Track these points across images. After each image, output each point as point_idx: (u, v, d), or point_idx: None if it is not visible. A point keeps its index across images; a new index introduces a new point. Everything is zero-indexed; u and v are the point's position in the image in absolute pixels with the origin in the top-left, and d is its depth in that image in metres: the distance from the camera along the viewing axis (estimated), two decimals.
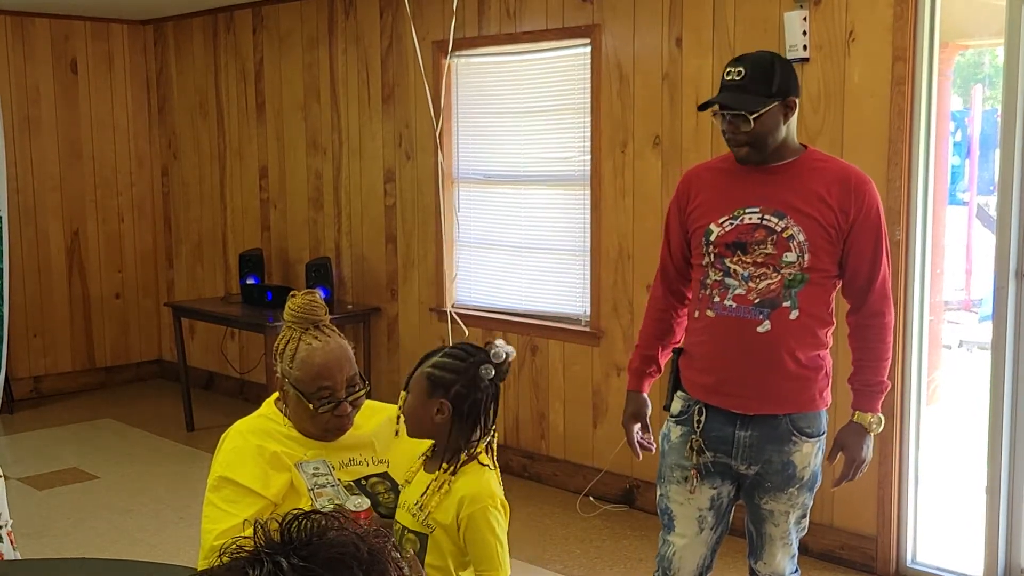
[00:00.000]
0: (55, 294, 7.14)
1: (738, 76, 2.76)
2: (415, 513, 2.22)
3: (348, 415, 2.40)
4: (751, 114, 2.73)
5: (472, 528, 2.19)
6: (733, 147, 2.82)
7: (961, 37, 5.62)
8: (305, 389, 2.35)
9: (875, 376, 2.88)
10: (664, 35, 4.62)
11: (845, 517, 4.25)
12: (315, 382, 2.34)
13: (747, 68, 2.76)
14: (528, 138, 5.26)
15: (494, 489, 2.25)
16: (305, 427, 2.39)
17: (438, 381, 2.23)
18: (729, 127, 2.78)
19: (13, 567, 2.66)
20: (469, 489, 2.20)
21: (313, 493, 2.29)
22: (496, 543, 2.21)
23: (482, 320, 5.40)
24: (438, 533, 2.19)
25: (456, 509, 2.19)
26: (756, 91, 2.75)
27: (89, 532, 4.75)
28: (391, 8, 5.76)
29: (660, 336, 3.07)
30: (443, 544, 2.20)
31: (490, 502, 2.22)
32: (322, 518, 1.16)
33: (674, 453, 2.94)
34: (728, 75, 2.79)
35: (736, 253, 2.80)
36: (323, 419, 2.37)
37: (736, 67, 2.78)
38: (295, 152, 6.47)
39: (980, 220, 7.86)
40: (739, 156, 2.83)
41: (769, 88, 2.75)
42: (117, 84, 7.32)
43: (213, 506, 2.30)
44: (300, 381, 2.35)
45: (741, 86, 2.76)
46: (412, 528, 2.22)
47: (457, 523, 2.19)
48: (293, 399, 2.38)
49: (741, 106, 2.74)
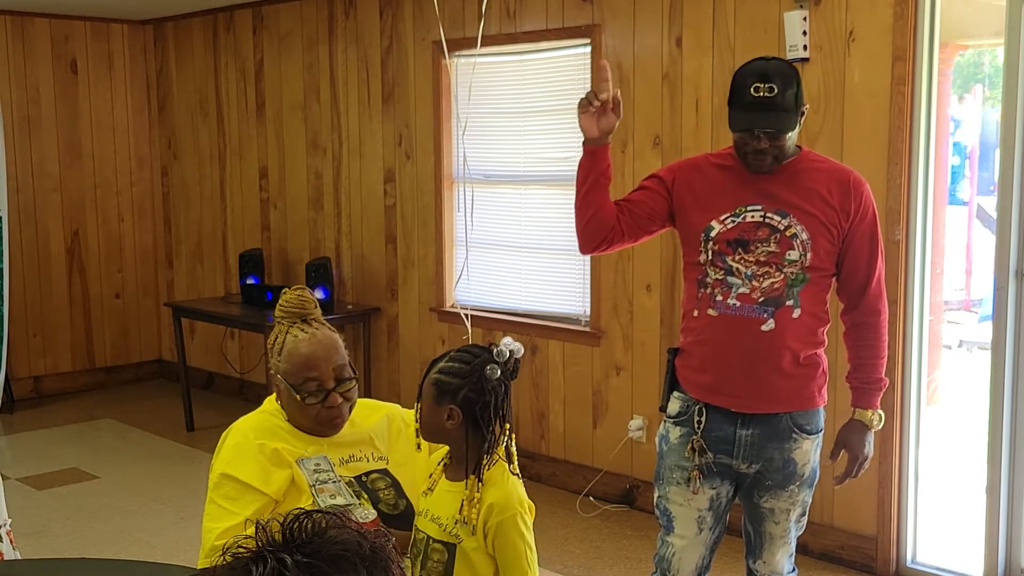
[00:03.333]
0: (55, 294, 7.14)
1: (770, 92, 2.70)
2: (444, 524, 2.18)
3: (339, 407, 2.38)
4: (788, 131, 2.72)
5: (502, 535, 2.16)
6: (755, 162, 2.78)
7: (961, 37, 5.62)
8: (293, 381, 2.35)
9: (874, 373, 2.89)
10: (664, 35, 4.62)
11: (845, 517, 4.25)
12: (302, 373, 2.34)
13: (778, 84, 2.70)
14: (528, 138, 5.26)
15: (522, 495, 2.22)
16: (299, 421, 2.39)
17: (445, 387, 2.20)
18: (758, 144, 2.74)
19: (13, 567, 2.66)
20: (497, 497, 2.17)
21: (315, 490, 2.29)
22: (526, 549, 2.19)
23: (482, 320, 5.40)
24: (467, 543, 2.16)
25: (485, 517, 2.16)
26: (789, 107, 2.72)
27: (89, 532, 4.75)
28: (391, 8, 5.76)
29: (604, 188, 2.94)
30: (472, 556, 2.18)
31: (520, 509, 2.19)
32: (323, 517, 1.16)
33: (673, 454, 2.93)
34: (757, 91, 2.71)
35: (737, 251, 2.80)
36: (312, 411, 2.36)
37: (766, 83, 2.70)
38: (295, 152, 6.47)
39: (980, 220, 7.86)
40: (762, 169, 2.79)
41: (796, 102, 2.74)
42: (117, 84, 7.32)
43: (214, 504, 2.30)
44: (288, 373, 2.35)
45: (776, 104, 2.70)
46: (439, 538, 2.19)
47: (484, 531, 2.16)
48: (285, 393, 2.38)
49: (784, 127, 2.71)
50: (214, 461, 2.39)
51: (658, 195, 2.93)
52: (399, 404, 2.64)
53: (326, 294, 5.92)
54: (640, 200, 2.94)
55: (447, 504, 2.21)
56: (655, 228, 2.97)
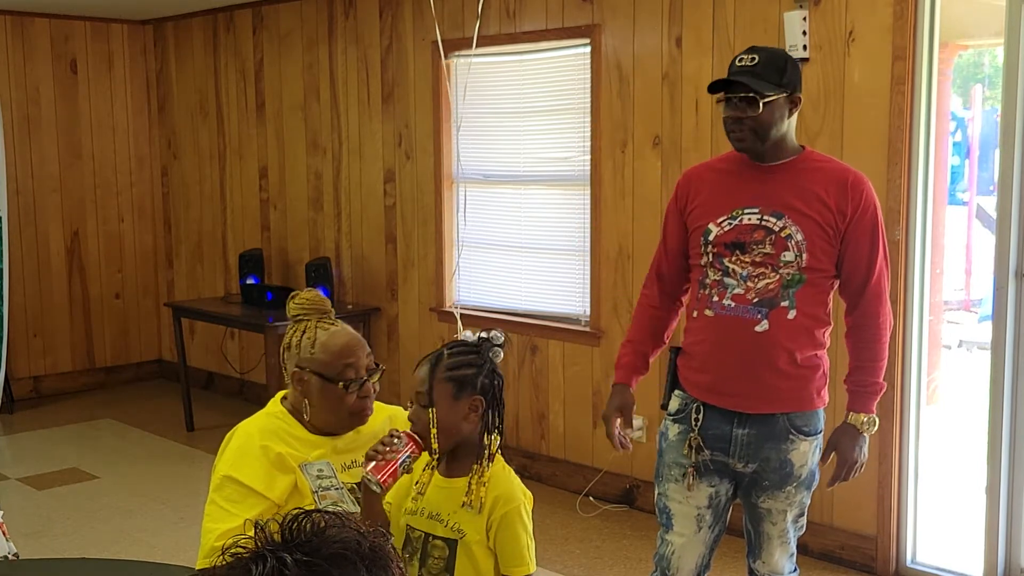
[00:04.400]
0: (55, 294, 7.14)
1: (751, 62, 2.76)
2: (445, 520, 2.18)
3: (370, 397, 2.42)
4: (761, 98, 2.72)
5: (506, 526, 2.17)
6: (735, 134, 2.80)
7: (961, 37, 5.62)
8: (330, 371, 2.35)
9: (870, 377, 2.88)
10: (664, 35, 4.62)
11: (845, 517, 4.26)
12: (340, 360, 2.36)
13: (760, 56, 2.76)
14: (528, 138, 5.26)
15: (522, 485, 2.25)
16: (327, 418, 2.39)
17: (463, 379, 2.19)
18: (735, 112, 2.76)
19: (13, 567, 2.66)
20: (502, 489, 2.19)
21: (317, 495, 2.28)
22: (528, 539, 2.20)
23: (482, 320, 5.39)
24: (469, 537, 2.17)
25: (490, 508, 2.17)
26: (768, 78, 2.75)
27: (89, 532, 4.74)
28: (391, 8, 5.76)
29: (654, 336, 3.07)
30: (474, 550, 2.18)
31: (523, 499, 2.21)
32: (322, 517, 1.16)
33: (672, 451, 2.94)
34: (740, 61, 2.78)
35: (735, 253, 2.80)
36: (349, 401, 2.37)
37: (749, 55, 2.77)
38: (295, 152, 6.47)
39: (980, 220, 7.87)
40: (740, 145, 2.81)
41: (780, 78, 2.76)
42: (117, 84, 7.32)
43: (216, 505, 2.29)
44: (325, 364, 2.36)
45: (753, 72, 2.75)
46: (440, 535, 2.18)
47: (489, 523, 2.17)
48: (316, 388, 2.37)
49: (753, 88, 2.73)
50: (217, 462, 2.38)
51: (675, 235, 2.99)
52: (399, 405, 2.63)
53: (326, 294, 5.89)
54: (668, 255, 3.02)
55: (446, 500, 2.21)
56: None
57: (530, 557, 2.21)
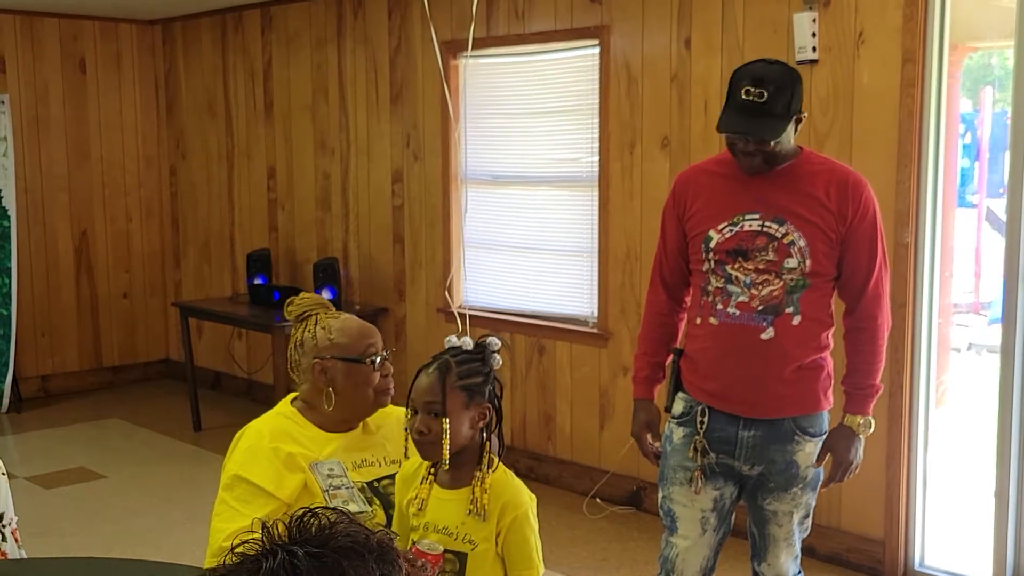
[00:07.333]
0: (63, 294, 7.15)
1: (759, 98, 2.70)
2: (453, 532, 2.17)
3: (391, 376, 2.48)
4: (774, 138, 2.71)
5: (515, 531, 2.17)
6: (745, 163, 2.79)
7: (971, 39, 5.60)
8: (354, 352, 2.40)
9: (866, 379, 2.87)
10: (673, 36, 4.61)
11: (853, 520, 4.24)
12: (363, 341, 2.42)
13: (770, 90, 2.69)
14: (536, 139, 5.25)
15: (524, 486, 2.24)
16: (355, 400, 2.42)
17: (474, 388, 2.18)
18: (746, 146, 2.75)
19: (20, 566, 2.66)
20: (509, 496, 2.18)
21: (327, 495, 2.28)
22: (536, 541, 2.20)
23: (490, 321, 5.39)
24: (480, 548, 2.15)
25: (499, 515, 2.16)
26: (778, 114, 2.71)
27: (95, 531, 4.75)
28: (400, 8, 5.76)
29: (666, 342, 3.06)
30: (484, 562, 2.16)
31: (529, 503, 2.21)
32: (330, 514, 1.19)
33: (677, 454, 2.93)
34: (748, 95, 2.71)
35: (737, 259, 2.80)
36: (375, 380, 2.42)
37: (758, 88, 2.70)
38: (303, 152, 6.48)
39: (989, 223, 7.84)
40: (750, 170, 2.80)
41: (788, 109, 2.73)
42: (126, 84, 7.33)
43: (225, 504, 2.30)
44: (347, 348, 2.40)
45: (764, 109, 2.70)
46: (449, 548, 2.16)
47: (498, 529, 2.16)
48: (341, 372, 2.39)
49: (767, 134, 2.70)
50: (227, 462, 2.38)
51: (674, 238, 2.97)
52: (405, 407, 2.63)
53: (333, 294, 5.92)
54: (668, 258, 3.00)
55: (451, 512, 2.18)
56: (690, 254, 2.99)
57: (538, 559, 2.21)
